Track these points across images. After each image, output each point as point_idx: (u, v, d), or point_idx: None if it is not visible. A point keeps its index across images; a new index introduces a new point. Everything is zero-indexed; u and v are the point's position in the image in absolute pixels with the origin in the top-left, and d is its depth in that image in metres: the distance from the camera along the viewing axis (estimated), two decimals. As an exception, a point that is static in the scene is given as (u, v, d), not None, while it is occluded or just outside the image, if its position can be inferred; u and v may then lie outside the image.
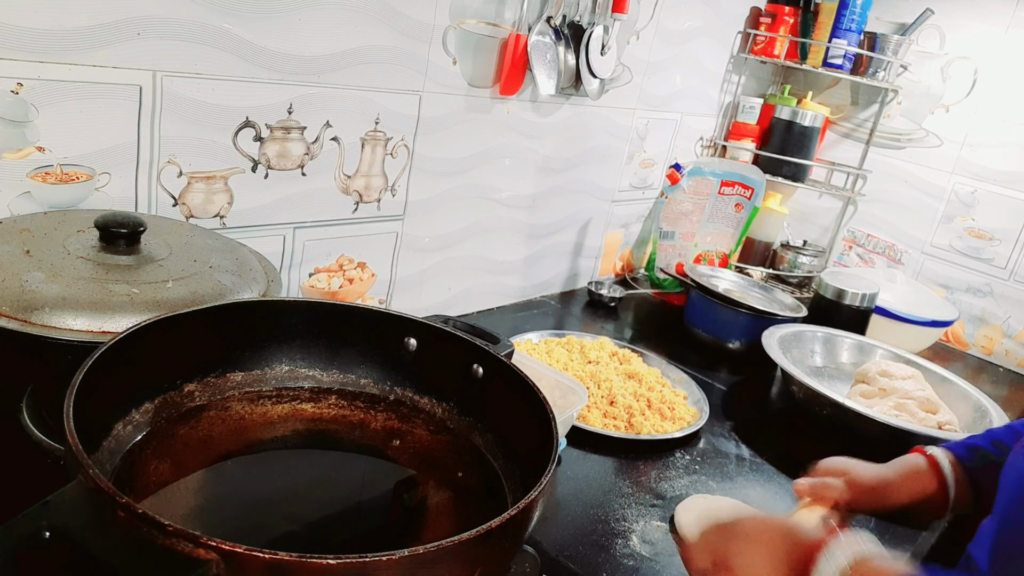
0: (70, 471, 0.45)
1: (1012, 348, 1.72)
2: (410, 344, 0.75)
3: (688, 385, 1.23)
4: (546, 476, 0.53)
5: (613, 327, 1.50)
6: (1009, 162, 1.69)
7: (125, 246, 0.72)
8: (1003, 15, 1.67)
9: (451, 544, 0.45)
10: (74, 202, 0.84)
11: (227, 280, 0.74)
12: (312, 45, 0.98)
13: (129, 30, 0.81)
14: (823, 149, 1.93)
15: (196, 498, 0.61)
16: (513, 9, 1.19)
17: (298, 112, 1.00)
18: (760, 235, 1.91)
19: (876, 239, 1.90)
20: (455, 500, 0.67)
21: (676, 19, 1.55)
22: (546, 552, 0.81)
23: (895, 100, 1.83)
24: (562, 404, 0.98)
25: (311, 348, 0.75)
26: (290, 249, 1.08)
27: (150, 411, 0.64)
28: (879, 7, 1.77)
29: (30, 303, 0.62)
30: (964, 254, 1.77)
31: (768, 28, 1.73)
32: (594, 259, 1.69)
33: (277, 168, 1.01)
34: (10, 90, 0.76)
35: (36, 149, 0.80)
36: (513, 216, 1.41)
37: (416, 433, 0.73)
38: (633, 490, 0.95)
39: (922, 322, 1.57)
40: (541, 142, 1.39)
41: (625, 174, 1.64)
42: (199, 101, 0.90)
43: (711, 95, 1.78)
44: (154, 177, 0.89)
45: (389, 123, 1.12)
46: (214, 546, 0.40)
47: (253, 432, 0.69)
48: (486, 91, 1.23)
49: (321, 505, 0.63)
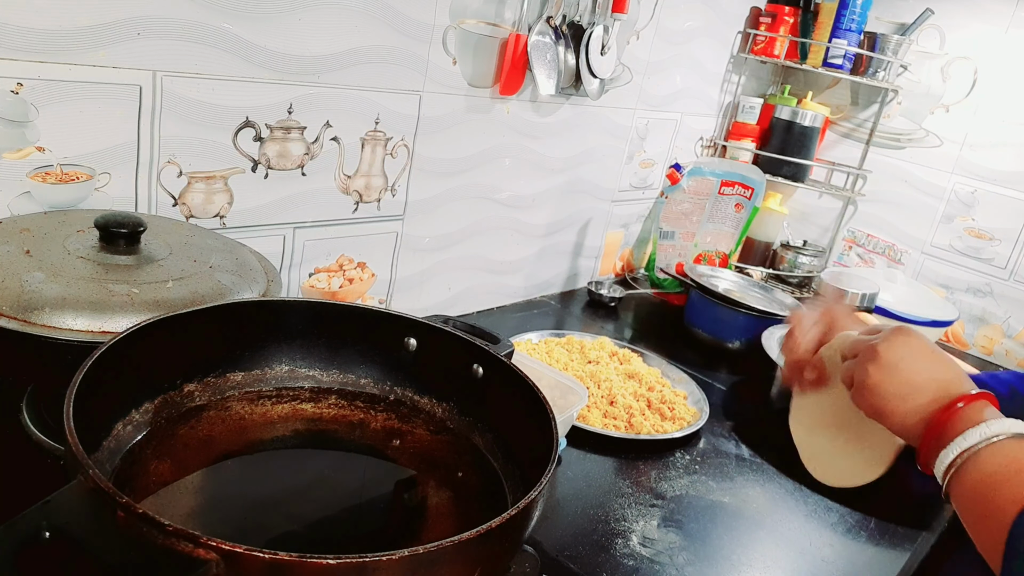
0: (70, 471, 0.45)
1: (1012, 348, 1.72)
2: (410, 344, 0.75)
3: (688, 385, 1.23)
4: (546, 476, 0.53)
5: (613, 327, 1.50)
6: (1009, 162, 1.69)
7: (125, 246, 0.72)
8: (1003, 15, 1.67)
9: (451, 544, 0.45)
10: (74, 202, 0.84)
11: (227, 280, 0.74)
12: (312, 45, 0.98)
13: (129, 30, 0.81)
14: (823, 149, 1.94)
15: (196, 498, 0.61)
16: (513, 9, 1.19)
17: (298, 112, 1.00)
18: (760, 235, 1.91)
19: (876, 239, 1.90)
20: (455, 500, 0.67)
21: (676, 19, 1.55)
22: (546, 552, 0.81)
23: (895, 100, 1.83)
24: (562, 404, 0.98)
25: (311, 348, 0.75)
26: (290, 249, 1.08)
27: (150, 411, 0.64)
28: (879, 7, 1.77)
29: (30, 303, 0.62)
30: (964, 254, 1.77)
31: (768, 28, 1.73)
32: (594, 259, 1.69)
33: (277, 168, 1.01)
34: (10, 90, 0.76)
35: (36, 149, 0.80)
36: (513, 216, 1.41)
37: (416, 433, 0.73)
38: (633, 490, 0.95)
39: (922, 322, 1.57)
40: (541, 142, 1.39)
41: (625, 174, 1.64)
42: (199, 101, 0.90)
43: (711, 95, 1.78)
44: (154, 177, 0.89)
45: (389, 123, 1.12)
46: (214, 546, 0.40)
47: (253, 432, 0.69)
48: (486, 91, 1.23)
49: (321, 505, 0.63)
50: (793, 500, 1.01)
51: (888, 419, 0.71)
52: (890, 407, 0.70)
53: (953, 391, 0.67)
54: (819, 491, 1.03)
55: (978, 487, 0.61)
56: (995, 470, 0.60)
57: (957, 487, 0.63)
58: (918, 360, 0.70)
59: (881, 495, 1.05)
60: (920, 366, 0.70)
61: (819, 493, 1.03)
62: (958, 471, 0.63)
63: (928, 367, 0.69)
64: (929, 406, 0.68)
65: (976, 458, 0.62)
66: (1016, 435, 0.62)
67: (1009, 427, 0.62)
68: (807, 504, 1.01)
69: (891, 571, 0.91)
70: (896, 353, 0.71)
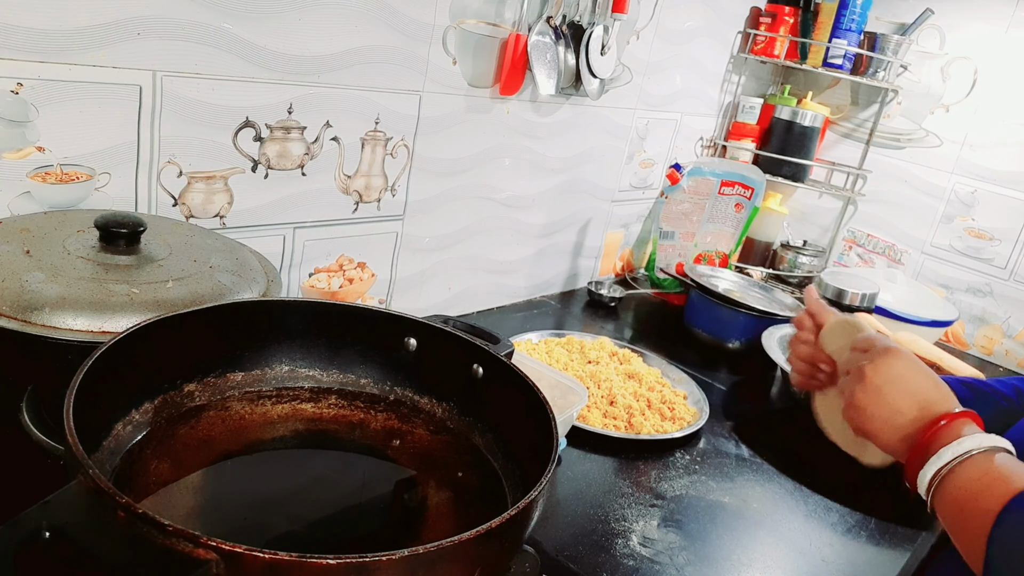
0: (70, 471, 0.45)
1: (1012, 348, 1.72)
2: (410, 344, 0.75)
3: (688, 385, 1.23)
4: (546, 476, 0.53)
5: (613, 327, 1.50)
6: (1009, 162, 1.69)
7: (125, 246, 0.72)
8: (1003, 15, 1.67)
9: (451, 544, 0.45)
10: (74, 202, 0.84)
11: (227, 280, 0.74)
12: (312, 45, 0.98)
13: (129, 30, 0.81)
14: (823, 149, 1.94)
15: (196, 498, 0.61)
16: (513, 9, 1.19)
17: (298, 112, 1.00)
18: (760, 235, 1.91)
19: (876, 239, 1.90)
20: (455, 500, 0.67)
21: (676, 19, 1.55)
22: (546, 552, 0.81)
23: (895, 100, 1.83)
24: (562, 404, 0.98)
25: (311, 348, 0.75)
26: (290, 249, 1.08)
27: (150, 411, 0.64)
28: (879, 7, 1.77)
29: (30, 303, 0.62)
30: (964, 254, 1.77)
31: (768, 28, 1.73)
32: (594, 259, 1.69)
33: (277, 168, 1.01)
34: (10, 90, 0.76)
35: (36, 149, 0.80)
36: (513, 216, 1.41)
37: (416, 433, 0.73)
38: (633, 490, 0.95)
39: (922, 322, 1.57)
40: (541, 142, 1.39)
41: (625, 174, 1.64)
42: (199, 101, 0.90)
43: (711, 95, 1.78)
44: (154, 177, 0.89)
45: (389, 123, 1.12)
46: (214, 546, 0.40)
47: (253, 432, 0.69)
48: (486, 91, 1.23)
49: (321, 505, 0.63)
50: (793, 500, 1.01)
51: (875, 439, 0.74)
52: (875, 428, 0.73)
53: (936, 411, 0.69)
54: (819, 491, 1.03)
55: (955, 502, 0.63)
56: (968, 484, 0.63)
57: (939, 503, 0.66)
58: (903, 383, 0.72)
59: (881, 495, 1.05)
60: (904, 388, 0.72)
61: (819, 493, 1.03)
62: (938, 488, 0.65)
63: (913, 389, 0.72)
64: (911, 426, 0.70)
65: (952, 474, 0.64)
66: (989, 448, 0.64)
67: (981, 442, 0.64)
68: (807, 504, 1.01)
69: (891, 571, 0.91)
70: (881, 376, 0.73)
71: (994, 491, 0.60)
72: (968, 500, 0.62)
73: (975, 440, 0.64)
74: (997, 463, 0.62)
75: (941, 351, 1.33)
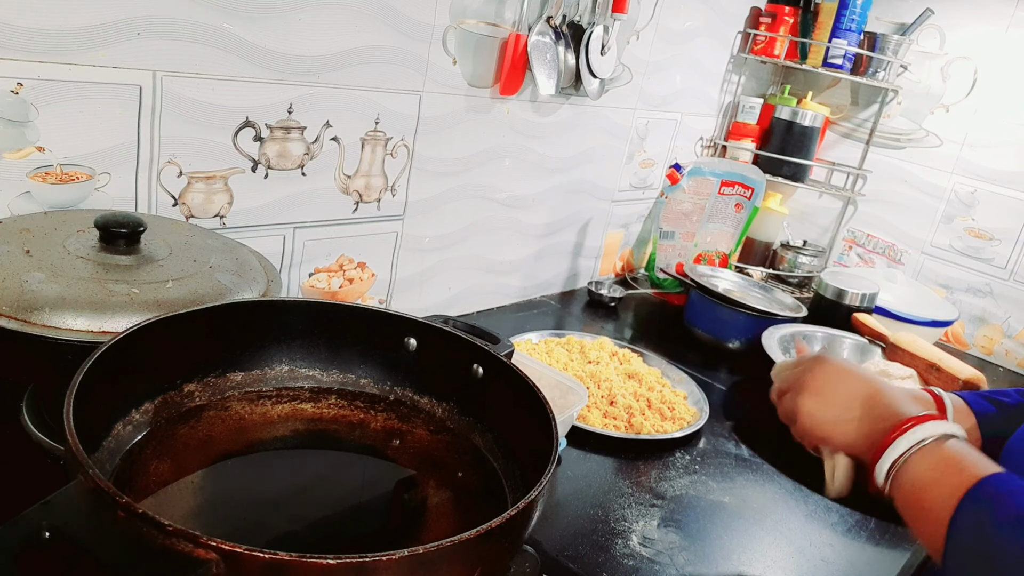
0: (70, 471, 0.45)
1: (1012, 348, 1.72)
2: (410, 344, 0.75)
3: (688, 385, 1.23)
4: (546, 476, 0.53)
5: (613, 327, 1.50)
6: (1009, 162, 1.69)
7: (125, 246, 0.72)
8: (1003, 15, 1.67)
9: (451, 544, 0.45)
10: (74, 202, 0.84)
11: (227, 280, 0.74)
12: (312, 45, 0.98)
13: (129, 30, 0.81)
14: (823, 149, 1.94)
15: (196, 498, 0.61)
16: (513, 9, 1.19)
17: (298, 112, 1.00)
18: (760, 235, 1.91)
19: (876, 239, 1.90)
20: (455, 500, 0.67)
21: (676, 19, 1.55)
22: (546, 552, 0.81)
23: (895, 100, 1.83)
24: (562, 404, 0.98)
25: (311, 348, 0.75)
26: (290, 249, 1.08)
27: (150, 411, 0.64)
28: (879, 7, 1.77)
29: (30, 303, 0.62)
30: (964, 254, 1.77)
31: (768, 28, 1.73)
32: (594, 259, 1.69)
33: (277, 168, 1.01)
34: (10, 90, 0.76)
35: (36, 149, 0.80)
36: (513, 216, 1.41)
37: (416, 433, 0.73)
38: (633, 490, 0.95)
39: (922, 322, 1.57)
40: (541, 142, 1.39)
41: (625, 174, 1.64)
42: (199, 101, 0.90)
43: (711, 95, 1.78)
44: (154, 177, 0.89)
45: (389, 123, 1.12)
46: (214, 546, 0.40)
47: (253, 432, 0.69)
48: (486, 91, 1.23)
49: (321, 505, 0.63)
50: (793, 500, 1.01)
51: (831, 443, 0.74)
52: (827, 431, 0.73)
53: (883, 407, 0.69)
54: (819, 491, 1.03)
55: (913, 492, 0.62)
56: (924, 474, 0.62)
57: (897, 494, 0.64)
58: (844, 378, 0.73)
59: (881, 495, 1.04)
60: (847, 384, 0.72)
61: (819, 493, 1.03)
62: (895, 479, 0.64)
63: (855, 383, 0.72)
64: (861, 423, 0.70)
65: (907, 465, 0.63)
66: (943, 435, 0.63)
67: (933, 429, 0.63)
68: (807, 504, 1.01)
69: (891, 571, 0.91)
70: (820, 379, 0.74)
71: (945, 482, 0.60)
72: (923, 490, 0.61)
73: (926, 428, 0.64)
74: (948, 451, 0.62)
75: (941, 351, 1.33)
